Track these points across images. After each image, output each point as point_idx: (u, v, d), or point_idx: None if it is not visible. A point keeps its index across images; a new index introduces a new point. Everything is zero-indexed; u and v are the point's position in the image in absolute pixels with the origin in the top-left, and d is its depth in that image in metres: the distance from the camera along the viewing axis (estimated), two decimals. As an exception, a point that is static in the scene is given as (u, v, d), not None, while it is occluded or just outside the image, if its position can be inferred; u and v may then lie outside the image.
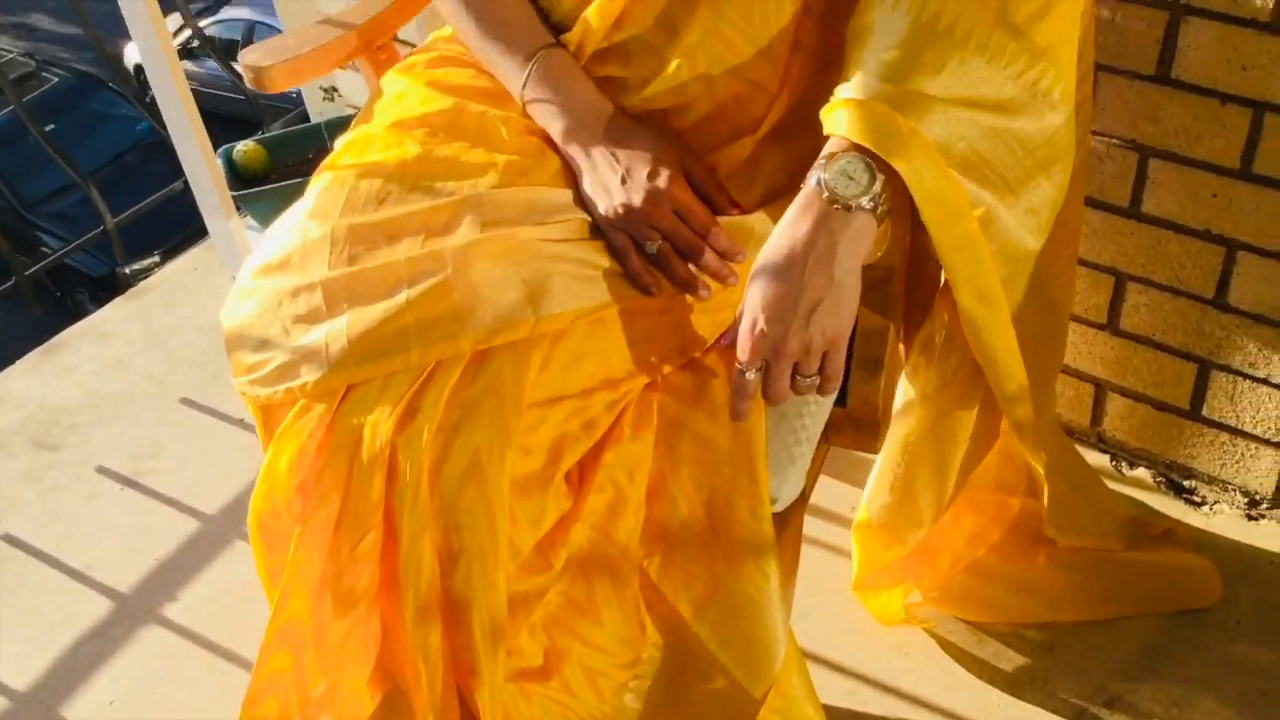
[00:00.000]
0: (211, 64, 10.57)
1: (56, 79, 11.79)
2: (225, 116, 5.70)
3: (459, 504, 1.01)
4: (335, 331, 1.04)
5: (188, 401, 2.01)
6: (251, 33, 11.32)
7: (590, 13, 1.11)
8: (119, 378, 2.09)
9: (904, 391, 1.38)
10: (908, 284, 1.30)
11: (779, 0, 1.06)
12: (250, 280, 1.13)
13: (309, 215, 1.12)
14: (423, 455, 1.01)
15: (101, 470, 1.92)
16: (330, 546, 1.05)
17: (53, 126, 11.19)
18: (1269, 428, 1.57)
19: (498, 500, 1.02)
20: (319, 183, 1.16)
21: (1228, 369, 1.56)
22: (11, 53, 12.29)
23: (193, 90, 1.87)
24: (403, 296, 1.04)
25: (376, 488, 1.03)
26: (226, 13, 12.01)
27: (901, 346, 1.38)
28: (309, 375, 1.05)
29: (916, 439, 1.38)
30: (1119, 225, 1.54)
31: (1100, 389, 1.70)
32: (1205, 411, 1.61)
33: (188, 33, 11.67)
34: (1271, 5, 1.31)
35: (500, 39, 1.16)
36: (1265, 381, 1.54)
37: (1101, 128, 1.48)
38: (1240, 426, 1.59)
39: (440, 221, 1.08)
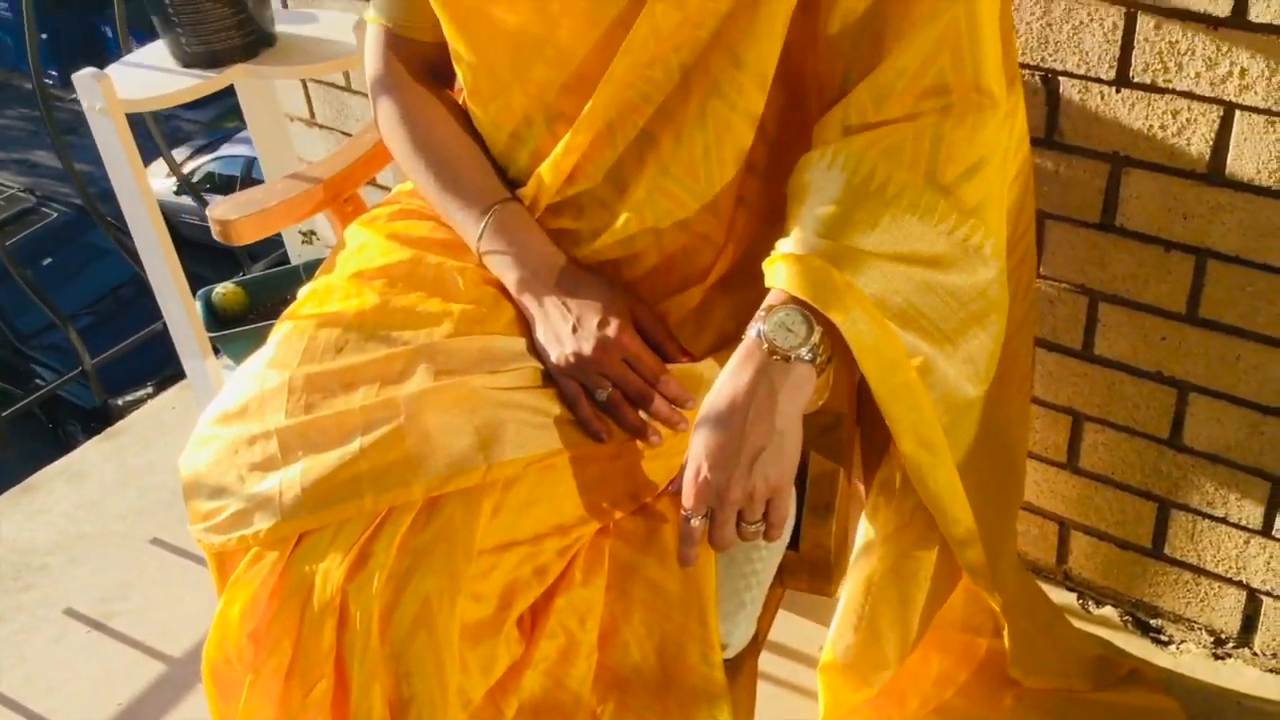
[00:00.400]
0: (212, 197, 10.75)
1: (55, 214, 12.00)
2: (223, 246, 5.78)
3: (409, 651, 1.01)
4: (289, 480, 1.06)
5: (158, 542, 2.01)
6: (250, 169, 11.55)
7: (544, 169, 1.15)
8: (92, 518, 2.09)
9: (864, 532, 1.39)
10: (865, 426, 1.32)
11: (722, 158, 1.10)
12: (208, 428, 1.14)
13: (268, 364, 1.15)
14: (373, 603, 1.01)
15: (69, 612, 1.91)
16: (281, 695, 1.05)
17: (50, 260, 11.36)
18: (1230, 566, 1.58)
19: (448, 648, 1.02)
20: (280, 332, 1.19)
21: (1187, 508, 1.57)
22: (12, 188, 12.52)
23: (193, 222, 1.91)
24: (356, 444, 1.06)
25: (327, 636, 1.03)
26: (226, 149, 12.28)
27: (861, 486, 1.40)
28: (262, 523, 1.06)
29: (879, 579, 1.39)
30: (1073, 367, 1.57)
31: (1064, 527, 1.71)
32: (1167, 550, 1.62)
33: (190, 166, 11.96)
34: (1208, 157, 1.36)
35: (458, 194, 1.20)
36: (1224, 521, 1.55)
37: (1051, 272, 1.52)
38: (1202, 565, 1.60)
39: (395, 370, 1.11)
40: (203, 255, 5.25)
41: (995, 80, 1.02)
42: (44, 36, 13.05)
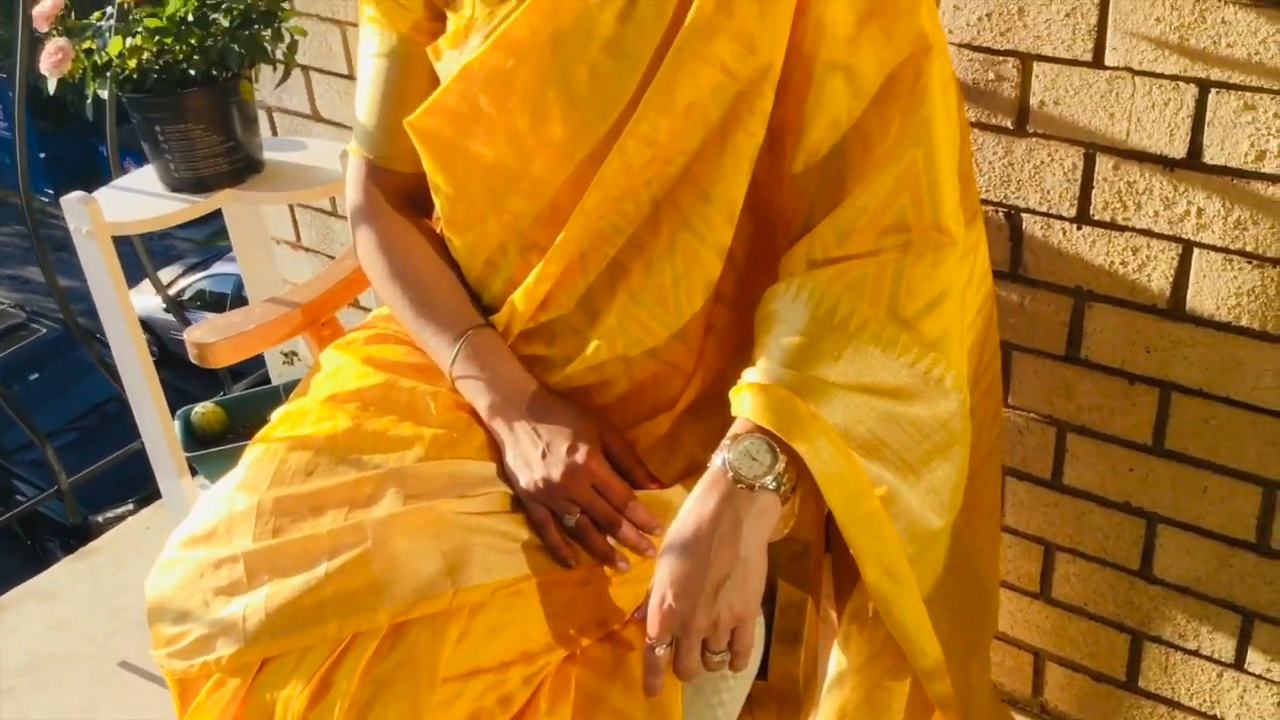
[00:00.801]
0: (202, 314, 10.83)
1: (44, 330, 12.05)
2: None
3: (370, 781, 1.00)
4: (253, 605, 1.05)
5: (127, 665, 1.98)
6: (241, 287, 11.63)
7: (517, 296, 1.18)
8: (61, 639, 2.06)
9: (837, 661, 1.39)
10: (837, 554, 1.32)
11: (691, 288, 1.13)
12: (175, 551, 1.15)
13: (238, 487, 1.15)
14: None
15: (33, 736, 1.88)
16: (241, 824, 1.04)
17: (37, 375, 11.37)
18: (1204, 700, 1.57)
19: (409, 778, 1.01)
20: (251, 454, 1.19)
21: (1159, 640, 1.57)
22: (3, 304, 12.59)
23: (181, 339, 1.92)
24: (322, 569, 1.06)
25: None
26: (218, 267, 12.38)
27: (834, 615, 1.39)
28: (224, 649, 1.05)
29: (851, 710, 1.38)
30: (1043, 496, 1.58)
31: (1039, 658, 1.70)
32: (1142, 683, 1.62)
33: (183, 283, 12.05)
34: (1169, 292, 1.39)
35: (433, 319, 1.22)
36: (1196, 654, 1.55)
37: (1019, 403, 1.55)
38: (1177, 699, 1.59)
39: (364, 494, 1.11)
40: (190, 371, 5.26)
41: (953, 219, 1.05)
42: (41, 155, 13.24)
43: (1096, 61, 1.34)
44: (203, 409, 2.11)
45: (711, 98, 1.06)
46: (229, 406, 2.14)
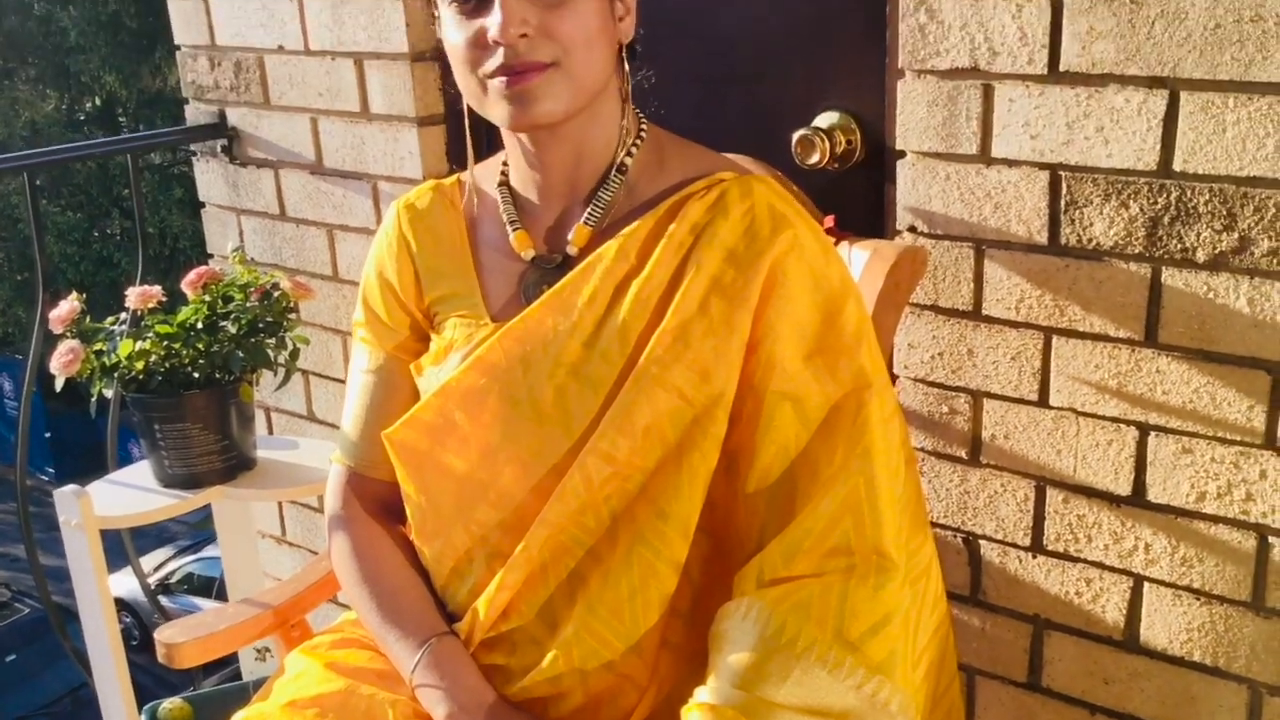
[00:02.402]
0: (185, 598, 10.75)
1: (27, 610, 11.88)
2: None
3: None
4: None
5: None
6: (230, 573, 11.53)
7: (480, 604, 1.21)
8: None
9: None
10: None
11: (647, 601, 1.16)
12: None
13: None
14: None
15: None
16: None
17: (13, 657, 11.12)
18: None
19: None
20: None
21: None
22: (-9, 582, 12.47)
23: None
24: None
25: None
26: (209, 550, 12.31)
27: None
28: None
29: None
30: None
31: None
32: None
33: (172, 565, 11.95)
34: (1123, 624, 1.42)
35: (397, 625, 1.25)
36: None
37: (984, 729, 1.55)
38: None
39: (316, 803, 1.11)
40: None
41: (894, 545, 1.09)
42: (48, 435, 13.41)
43: (1042, 401, 1.42)
44: (170, 705, 2.08)
45: (669, 421, 1.13)
46: (196, 703, 2.12)
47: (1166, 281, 1.30)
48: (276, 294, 1.95)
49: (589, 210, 1.19)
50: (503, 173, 1.27)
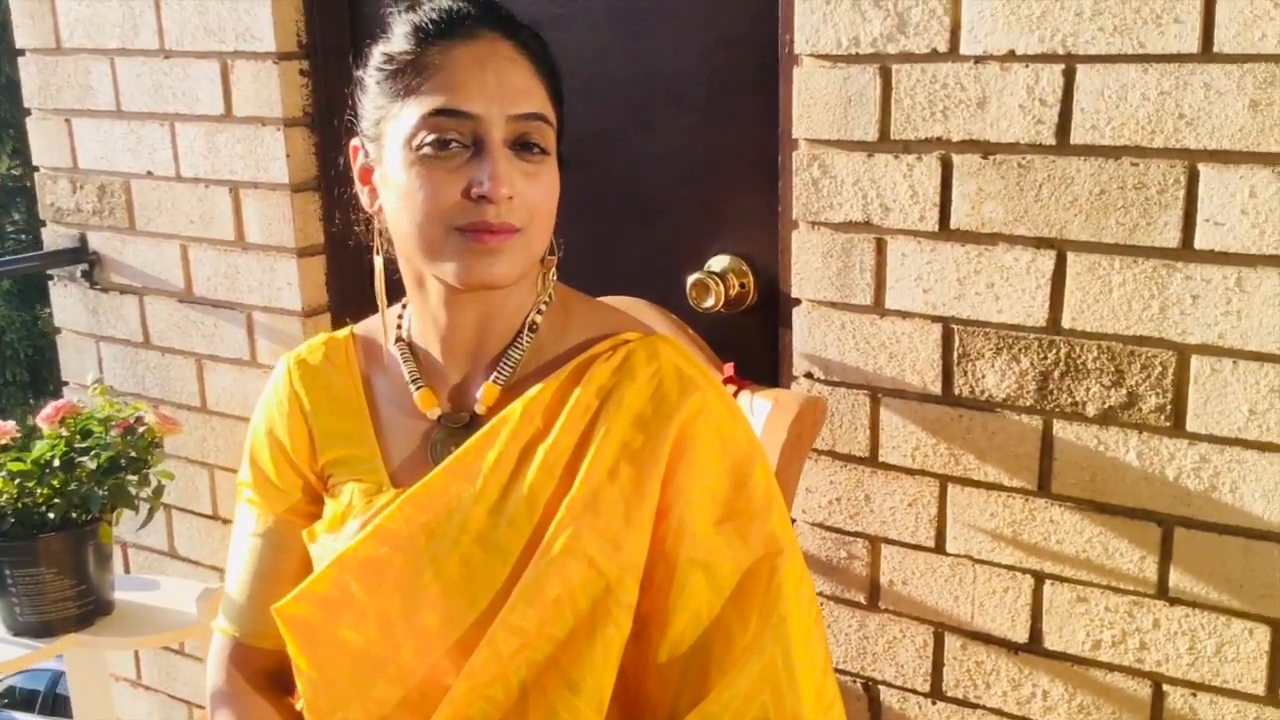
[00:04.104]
0: (8, 714, 10.13)
1: None
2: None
3: None
4: None
5: None
6: (56, 683, 10.91)
7: None
8: None
9: None
10: None
11: None
12: None
13: None
14: None
15: None
16: None
17: None
18: None
19: None
20: None
21: None
22: None
23: None
24: None
25: None
26: (38, 663, 11.64)
27: None
28: None
29: None
30: None
31: None
32: None
33: (-10, 684, 11.24)
34: (1021, 770, 1.43)
35: None
36: None
37: None
38: None
39: None
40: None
41: (811, 712, 1.08)
42: None
43: (939, 548, 1.43)
44: None
45: (580, 590, 1.10)
46: None
47: (1058, 434, 1.33)
48: (142, 429, 1.86)
49: (498, 370, 1.16)
50: (399, 326, 1.23)
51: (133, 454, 1.87)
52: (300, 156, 1.85)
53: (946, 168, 1.33)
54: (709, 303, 1.55)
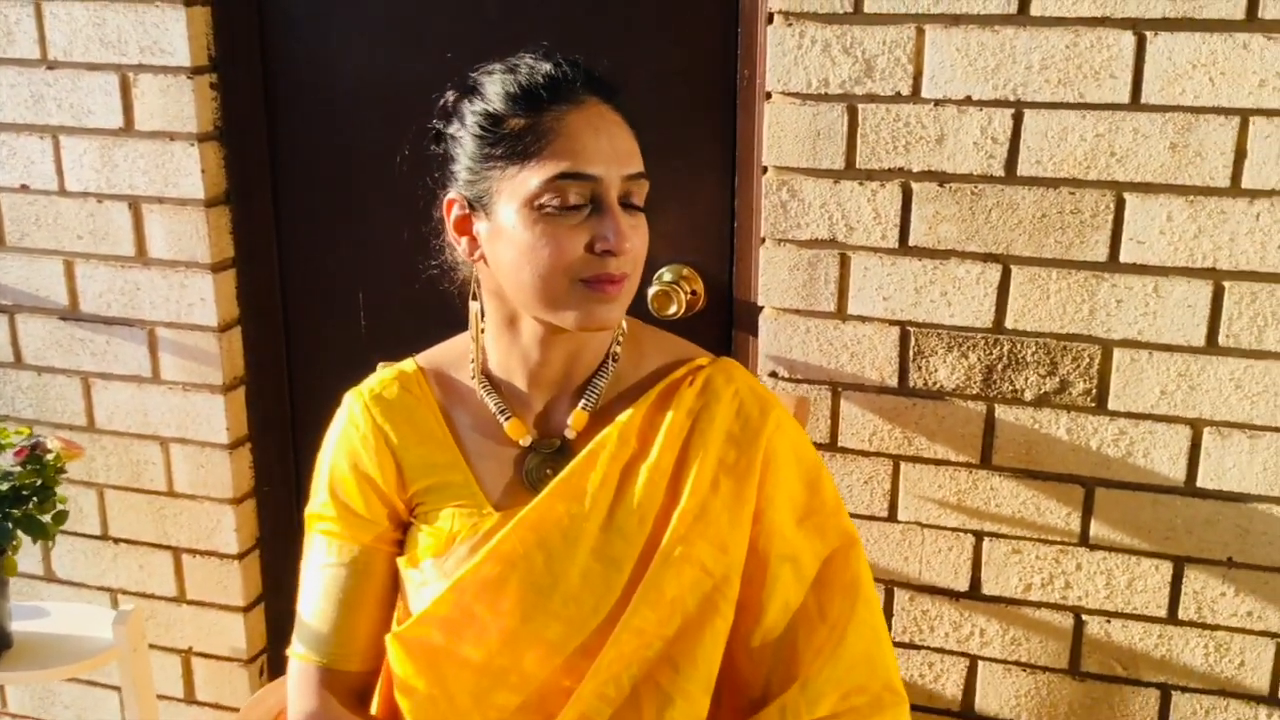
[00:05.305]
0: None
1: None
2: None
3: None
4: None
5: None
6: None
7: None
8: None
9: None
10: None
11: None
12: None
13: None
14: None
15: None
16: None
17: None
18: None
19: None
20: None
21: None
22: None
23: None
24: None
25: None
26: None
27: None
28: None
29: None
30: None
31: None
32: None
33: None
34: (960, 697, 1.69)
35: None
36: None
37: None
38: None
39: None
40: None
41: (898, 679, 1.28)
42: None
43: (891, 517, 1.66)
44: None
45: (690, 591, 1.24)
46: None
47: (999, 416, 1.59)
48: (49, 456, 1.80)
49: (584, 398, 1.27)
50: (472, 360, 1.31)
51: (39, 482, 1.80)
52: (213, 172, 1.82)
53: (907, 194, 1.54)
54: (672, 310, 1.70)
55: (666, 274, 1.74)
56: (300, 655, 1.33)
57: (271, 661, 2.08)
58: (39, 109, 1.84)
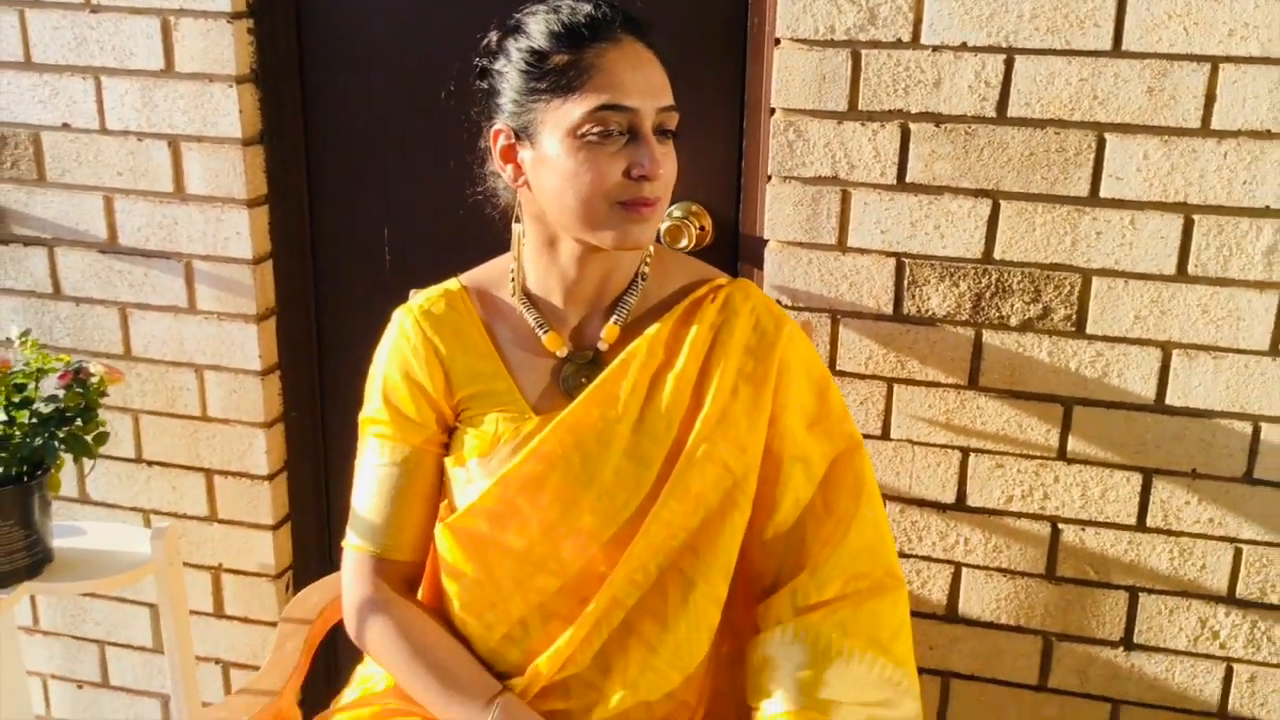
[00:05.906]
0: None
1: None
2: None
3: None
4: None
5: None
6: None
7: (541, 662, 1.37)
8: None
9: None
10: None
11: (701, 637, 1.37)
12: None
13: None
14: None
15: None
16: None
17: None
18: None
19: None
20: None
21: None
22: None
23: None
24: None
25: None
26: None
27: None
28: None
29: None
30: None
31: None
32: None
33: None
34: (945, 602, 1.84)
35: (460, 691, 1.37)
36: None
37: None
38: None
39: None
40: None
41: (897, 565, 1.42)
42: None
43: (884, 435, 1.80)
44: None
45: (712, 488, 1.37)
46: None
47: (987, 341, 1.73)
48: (93, 380, 1.91)
49: (616, 313, 1.40)
50: (513, 279, 1.43)
51: (83, 404, 1.91)
52: (249, 112, 1.93)
53: (905, 134, 1.67)
54: (682, 243, 1.83)
55: (676, 210, 1.87)
56: (355, 546, 1.45)
57: (297, 576, 2.20)
58: (81, 50, 1.94)
